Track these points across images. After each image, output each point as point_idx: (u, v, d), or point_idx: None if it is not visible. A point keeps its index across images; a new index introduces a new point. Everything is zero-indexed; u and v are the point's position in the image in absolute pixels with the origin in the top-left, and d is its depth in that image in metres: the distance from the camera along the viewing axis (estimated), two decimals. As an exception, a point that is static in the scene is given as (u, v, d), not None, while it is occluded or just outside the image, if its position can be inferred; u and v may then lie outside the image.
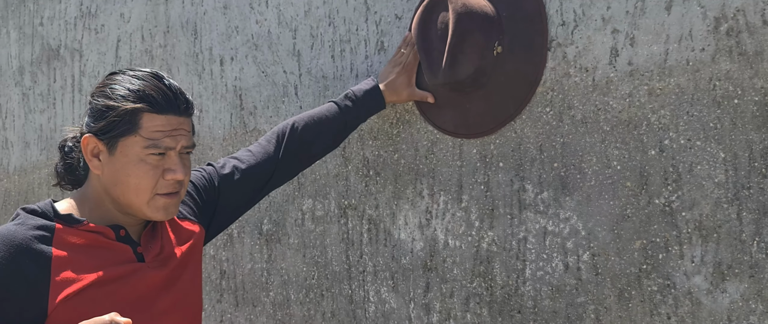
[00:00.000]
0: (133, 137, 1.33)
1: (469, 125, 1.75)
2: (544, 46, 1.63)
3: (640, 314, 1.50)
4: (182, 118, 1.37)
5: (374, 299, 1.99)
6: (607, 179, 1.54)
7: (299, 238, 2.20)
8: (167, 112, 1.34)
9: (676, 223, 1.45)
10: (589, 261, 1.57)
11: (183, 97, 1.38)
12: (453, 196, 1.80)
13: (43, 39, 3.40)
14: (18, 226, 1.30)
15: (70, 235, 1.33)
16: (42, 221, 1.32)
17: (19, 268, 1.25)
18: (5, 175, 3.70)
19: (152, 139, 1.33)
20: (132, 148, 1.33)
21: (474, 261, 1.76)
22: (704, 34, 1.41)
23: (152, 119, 1.33)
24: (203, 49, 2.51)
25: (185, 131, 1.38)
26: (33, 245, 1.28)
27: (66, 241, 1.31)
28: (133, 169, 1.33)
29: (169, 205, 1.38)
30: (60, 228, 1.33)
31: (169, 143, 1.34)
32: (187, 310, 1.46)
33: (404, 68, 1.82)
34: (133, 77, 1.36)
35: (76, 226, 1.34)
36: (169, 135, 1.34)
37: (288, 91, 2.22)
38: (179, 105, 1.36)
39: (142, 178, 1.33)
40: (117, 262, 1.34)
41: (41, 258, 1.27)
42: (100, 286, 1.30)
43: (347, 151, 2.06)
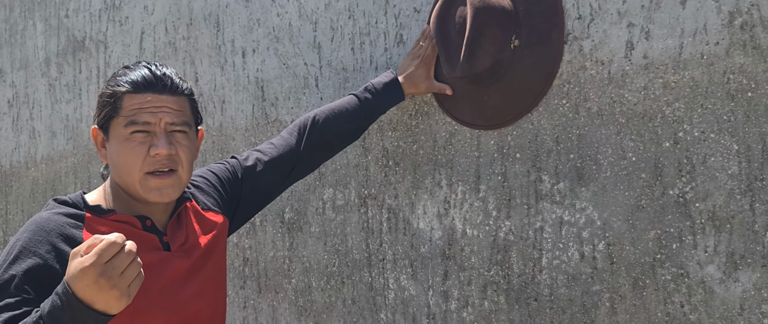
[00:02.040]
0: (117, 119, 1.39)
1: (487, 117, 1.79)
2: (561, 39, 1.66)
3: (653, 303, 1.53)
4: (165, 97, 1.40)
5: (394, 286, 2.03)
6: (622, 170, 1.56)
7: (320, 226, 2.25)
8: (146, 91, 1.39)
9: (690, 213, 1.47)
10: (604, 250, 1.60)
11: (168, 78, 1.42)
12: (471, 186, 1.84)
13: (69, 31, 3.46)
14: (50, 213, 1.36)
15: (99, 224, 1.38)
16: (72, 210, 1.38)
17: (57, 250, 1.30)
18: (33, 164, 3.77)
19: (130, 115, 1.37)
20: (117, 130, 1.39)
21: (491, 250, 1.80)
22: (718, 28, 1.43)
23: (131, 99, 1.38)
24: (225, 41, 2.55)
25: (170, 109, 1.40)
26: (65, 230, 1.33)
27: (95, 229, 1.36)
28: (120, 149, 1.38)
29: (162, 187, 1.39)
30: (89, 217, 1.38)
31: (147, 118, 1.38)
32: (210, 298, 1.50)
33: (423, 61, 1.86)
34: (126, 68, 1.43)
35: (104, 216, 1.39)
36: (148, 111, 1.38)
37: (309, 82, 2.26)
38: (159, 84, 1.40)
39: (128, 156, 1.37)
40: (144, 251, 1.38)
41: (73, 242, 1.32)
42: None
43: (367, 141, 2.09)
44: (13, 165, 3.98)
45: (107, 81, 1.43)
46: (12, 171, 3.99)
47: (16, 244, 1.30)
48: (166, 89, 1.41)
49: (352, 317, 2.16)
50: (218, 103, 2.59)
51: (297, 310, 2.34)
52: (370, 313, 2.10)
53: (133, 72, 1.41)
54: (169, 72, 1.43)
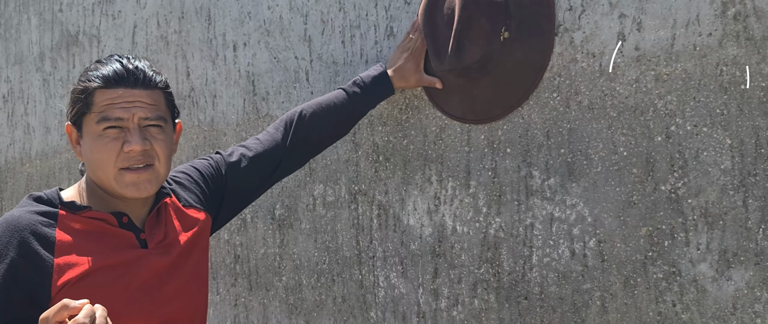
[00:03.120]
0: (89, 115, 1.35)
1: (477, 111, 1.75)
2: (552, 31, 1.62)
3: (645, 301, 1.49)
4: (138, 91, 1.37)
5: (384, 284, 2.00)
6: (613, 165, 1.53)
7: (311, 223, 2.21)
8: (117, 86, 1.35)
9: (682, 209, 1.43)
10: (595, 248, 1.56)
11: (141, 72, 1.38)
12: (461, 181, 1.80)
13: (63, 25, 3.44)
14: (22, 211, 1.33)
15: (73, 221, 1.35)
16: (46, 208, 1.35)
17: (25, 251, 1.28)
18: (27, 160, 3.75)
19: (102, 112, 1.34)
20: (90, 126, 1.36)
21: (481, 247, 1.76)
22: (712, 19, 1.39)
23: (103, 94, 1.35)
24: (216, 34, 2.52)
25: (143, 104, 1.37)
26: (37, 229, 1.30)
27: (69, 227, 1.33)
28: (93, 146, 1.35)
29: (138, 181, 1.36)
30: (63, 214, 1.35)
31: (119, 114, 1.34)
32: (190, 296, 1.47)
33: (412, 54, 1.82)
34: (98, 62, 1.40)
35: (79, 212, 1.36)
36: (120, 107, 1.34)
37: (299, 76, 2.22)
38: (130, 78, 1.37)
39: (101, 152, 1.34)
40: (119, 248, 1.36)
41: (45, 241, 1.30)
42: (102, 272, 1.32)
43: (357, 136, 2.06)
44: (8, 161, 3.95)
45: (80, 76, 1.40)
46: (7, 167, 3.97)
47: None
48: (139, 83, 1.37)
49: (342, 315, 2.13)
50: (210, 97, 2.56)
51: (288, 308, 2.31)
52: (360, 311, 2.07)
53: (105, 66, 1.37)
54: (142, 65, 1.39)
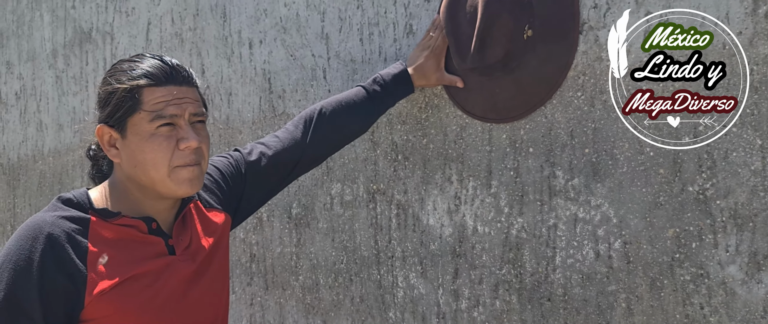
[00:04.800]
0: (138, 114, 1.32)
1: (499, 110, 1.73)
2: (576, 29, 1.59)
3: (672, 304, 1.47)
4: (184, 88, 1.36)
5: (403, 285, 1.98)
6: (639, 166, 1.50)
7: (328, 222, 2.20)
8: (166, 84, 1.33)
9: (711, 211, 1.41)
10: (620, 249, 1.54)
11: (182, 69, 1.37)
12: (482, 181, 1.78)
13: (76, 22, 3.43)
14: (54, 216, 1.30)
15: (104, 229, 1.33)
16: (77, 213, 1.32)
17: (61, 260, 1.26)
18: (40, 157, 3.74)
19: (156, 110, 1.32)
20: (140, 126, 1.32)
21: (503, 247, 1.74)
22: (742, 17, 1.37)
23: (152, 92, 1.32)
24: (232, 32, 2.50)
25: (191, 100, 1.36)
26: (71, 237, 1.28)
27: (100, 235, 1.31)
28: (146, 146, 1.32)
29: (193, 178, 1.35)
30: (94, 221, 1.33)
31: (174, 111, 1.33)
32: (214, 301, 1.46)
33: (433, 52, 1.80)
34: (131, 61, 1.37)
35: (110, 220, 1.34)
36: (172, 103, 1.33)
37: (316, 74, 2.20)
38: (177, 75, 1.35)
39: (156, 151, 1.32)
40: (150, 257, 1.34)
41: (78, 250, 1.28)
42: (134, 281, 1.31)
43: (376, 135, 2.04)
44: (20, 158, 3.95)
45: (110, 76, 1.36)
46: (19, 164, 3.97)
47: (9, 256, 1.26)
48: (184, 80, 1.36)
49: (360, 316, 2.11)
50: (225, 95, 2.55)
51: (304, 307, 2.30)
52: (379, 311, 2.05)
53: (144, 64, 1.34)
54: (178, 63, 1.38)
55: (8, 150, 4.07)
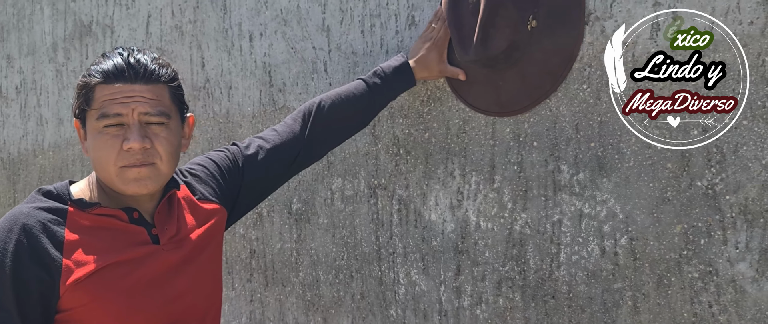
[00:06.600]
0: (90, 112, 1.31)
1: (502, 103, 1.69)
2: (582, 19, 1.55)
3: (679, 302, 1.43)
4: (138, 86, 1.31)
5: (404, 281, 1.95)
6: (646, 160, 1.46)
7: (328, 218, 2.16)
8: (115, 81, 1.30)
9: (720, 206, 1.37)
10: (626, 245, 1.50)
11: (140, 66, 1.32)
12: (485, 176, 1.74)
13: (76, 15, 3.39)
14: (31, 207, 1.28)
15: (83, 218, 1.31)
16: (55, 204, 1.30)
17: (35, 251, 1.24)
18: (40, 152, 3.72)
19: (101, 108, 1.29)
20: (91, 123, 1.31)
21: (506, 244, 1.71)
22: (753, 7, 1.32)
23: (102, 90, 1.30)
24: (232, 24, 2.46)
25: (144, 99, 1.31)
26: (46, 227, 1.26)
27: (78, 224, 1.29)
28: (95, 143, 1.30)
29: (140, 177, 1.31)
30: (72, 211, 1.31)
31: (118, 110, 1.29)
32: (204, 291, 1.43)
33: (435, 44, 1.76)
34: (102, 56, 1.35)
35: (88, 210, 1.32)
36: (118, 102, 1.29)
37: (317, 67, 2.16)
38: (130, 72, 1.31)
39: (101, 150, 1.29)
40: (130, 245, 1.31)
41: (54, 240, 1.26)
42: (110, 269, 1.28)
43: (377, 129, 2.00)
44: (20, 152, 3.93)
45: (85, 71, 1.35)
46: (20, 158, 3.94)
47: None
48: (139, 77, 1.31)
49: (361, 313, 2.07)
50: (225, 89, 2.51)
51: (304, 304, 2.26)
52: (380, 308, 2.02)
53: (106, 61, 1.32)
54: (145, 58, 1.33)
55: (8, 144, 4.05)
